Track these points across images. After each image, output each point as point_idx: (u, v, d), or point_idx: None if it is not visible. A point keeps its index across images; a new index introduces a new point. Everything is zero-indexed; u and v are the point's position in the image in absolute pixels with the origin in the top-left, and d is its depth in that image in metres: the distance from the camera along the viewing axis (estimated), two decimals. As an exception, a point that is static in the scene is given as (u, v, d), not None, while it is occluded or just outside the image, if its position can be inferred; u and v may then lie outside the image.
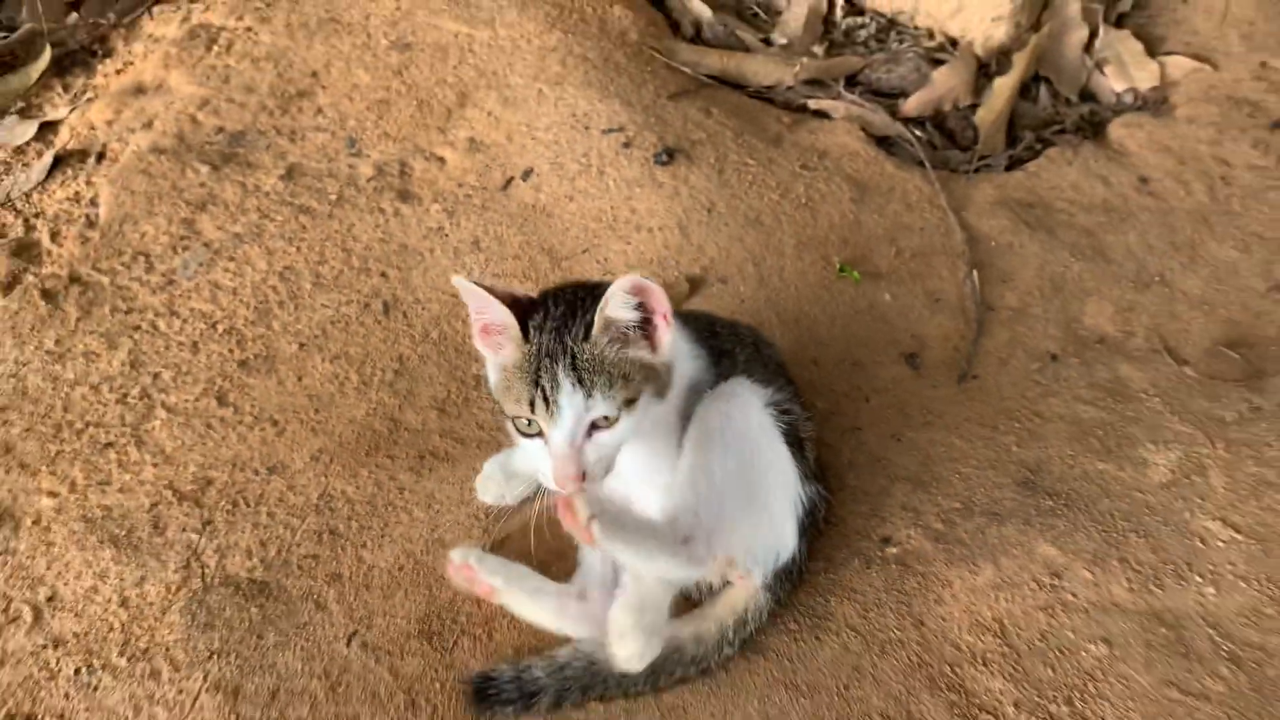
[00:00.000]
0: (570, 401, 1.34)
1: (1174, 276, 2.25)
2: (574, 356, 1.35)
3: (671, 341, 1.41)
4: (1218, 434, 1.90)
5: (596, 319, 1.36)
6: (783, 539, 1.57)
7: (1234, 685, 1.56)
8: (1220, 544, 1.74)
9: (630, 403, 1.37)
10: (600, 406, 1.35)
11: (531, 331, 1.38)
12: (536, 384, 1.35)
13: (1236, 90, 2.76)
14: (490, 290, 1.38)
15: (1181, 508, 1.78)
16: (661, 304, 1.37)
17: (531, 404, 1.35)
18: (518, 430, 1.40)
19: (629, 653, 1.43)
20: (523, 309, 1.40)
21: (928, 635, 1.61)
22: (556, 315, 1.39)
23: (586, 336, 1.36)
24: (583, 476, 1.36)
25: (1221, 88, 2.77)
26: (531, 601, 1.58)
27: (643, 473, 1.52)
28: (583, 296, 1.40)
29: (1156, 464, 1.86)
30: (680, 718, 1.51)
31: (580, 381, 1.34)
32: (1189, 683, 1.56)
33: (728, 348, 1.63)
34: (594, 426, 1.37)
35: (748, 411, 1.55)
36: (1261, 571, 1.70)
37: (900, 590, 1.67)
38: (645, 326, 1.39)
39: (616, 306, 1.35)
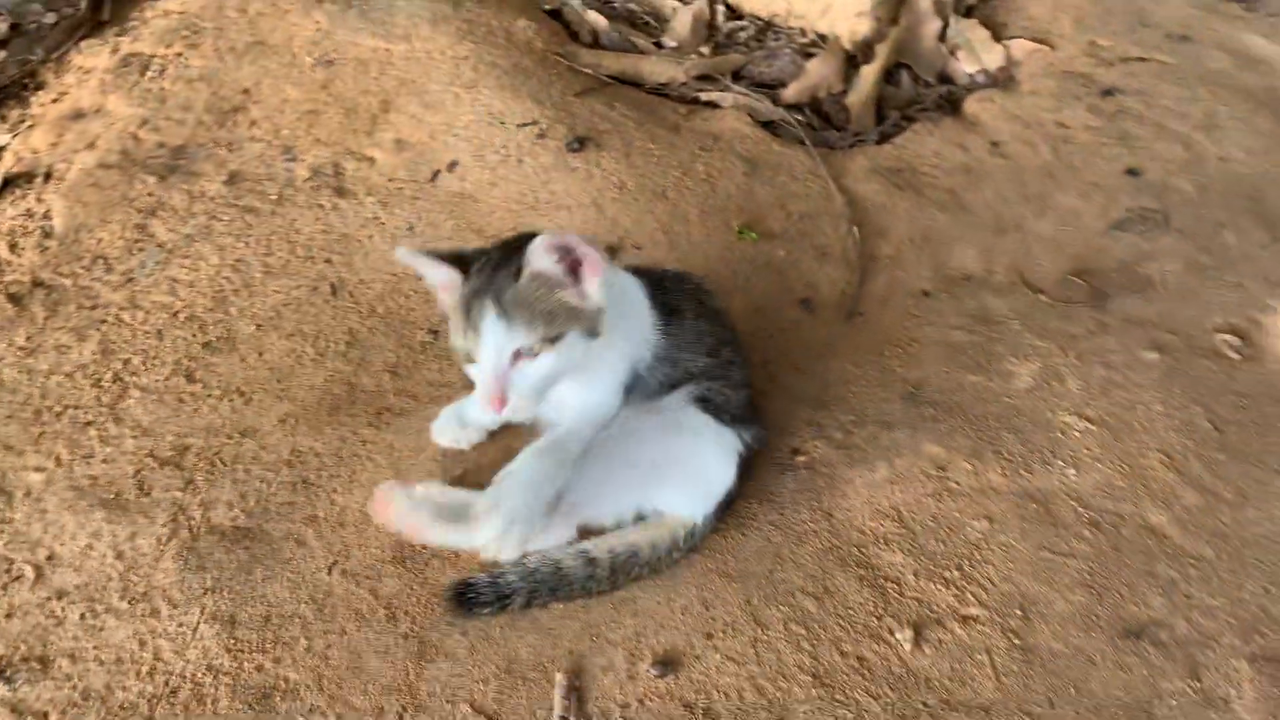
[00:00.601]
0: (493, 330, 1.50)
1: (1027, 222, 2.57)
2: (499, 293, 1.51)
3: (601, 288, 1.55)
4: (1070, 346, 2.19)
5: (524, 266, 1.52)
6: (724, 484, 1.77)
7: (1095, 545, 1.83)
8: (1077, 434, 2.02)
9: (553, 340, 1.53)
10: (520, 338, 1.50)
11: (472, 274, 1.56)
12: (469, 315, 1.52)
13: (1071, 65, 3.12)
14: (430, 254, 1.57)
15: (1044, 407, 2.06)
16: (587, 254, 1.52)
17: (465, 333, 1.53)
18: (462, 362, 1.58)
19: (488, 536, 1.59)
20: (468, 260, 1.59)
21: (836, 525, 1.84)
22: (494, 259, 1.57)
23: (516, 278, 1.52)
24: (504, 401, 1.52)
25: (1058, 64, 3.13)
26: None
27: (580, 408, 1.70)
28: (519, 240, 1.56)
29: (1020, 374, 2.14)
30: (630, 605, 1.72)
31: (503, 314, 1.50)
32: (1058, 545, 1.82)
33: (675, 304, 1.77)
34: (519, 356, 1.52)
35: (670, 403, 1.75)
36: (1113, 453, 1.98)
37: (810, 490, 1.89)
38: (575, 272, 1.55)
39: (539, 260, 1.51)
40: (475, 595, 1.68)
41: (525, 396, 1.57)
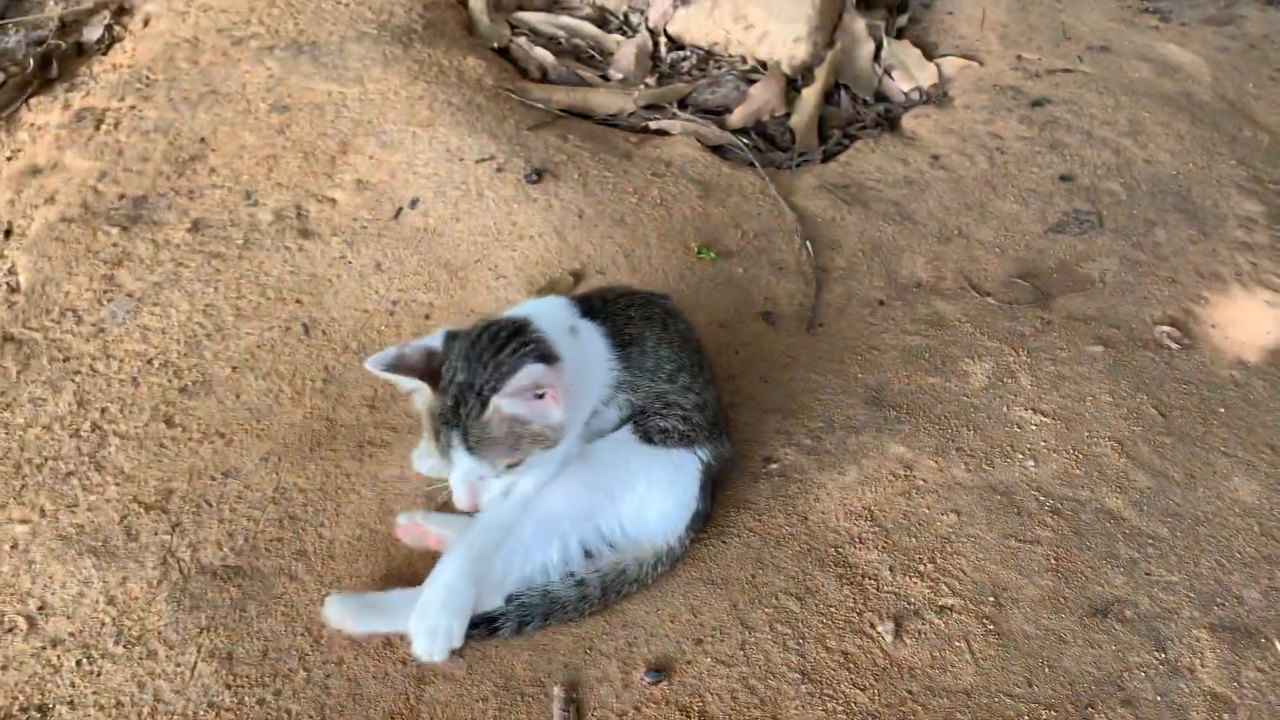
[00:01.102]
0: (461, 459, 1.59)
1: (970, 229, 2.68)
2: (467, 430, 1.57)
3: (562, 413, 1.60)
4: (1020, 345, 2.30)
5: (489, 405, 1.56)
6: (687, 505, 1.82)
7: (1058, 530, 1.92)
8: (1034, 427, 2.11)
9: (517, 464, 1.63)
10: (486, 468, 1.60)
11: (441, 385, 1.59)
12: (439, 438, 1.60)
13: (1000, 79, 3.27)
14: (398, 362, 1.60)
15: (1000, 404, 2.16)
16: (552, 386, 1.56)
17: (437, 449, 1.61)
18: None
19: (418, 651, 1.67)
20: (436, 360, 1.62)
21: (812, 527, 1.91)
22: (459, 378, 1.58)
23: (480, 414, 1.57)
24: (477, 505, 1.68)
25: (988, 79, 3.28)
26: (479, 542, 1.83)
27: (523, 486, 1.77)
28: (482, 352, 1.59)
29: (975, 373, 2.24)
30: (620, 617, 1.76)
31: (469, 449, 1.58)
32: (1023, 533, 1.91)
33: (636, 333, 1.81)
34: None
35: (605, 445, 1.81)
36: (1068, 444, 2.08)
37: (785, 495, 1.96)
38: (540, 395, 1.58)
39: (505, 406, 1.56)
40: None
41: (496, 497, 1.71)
